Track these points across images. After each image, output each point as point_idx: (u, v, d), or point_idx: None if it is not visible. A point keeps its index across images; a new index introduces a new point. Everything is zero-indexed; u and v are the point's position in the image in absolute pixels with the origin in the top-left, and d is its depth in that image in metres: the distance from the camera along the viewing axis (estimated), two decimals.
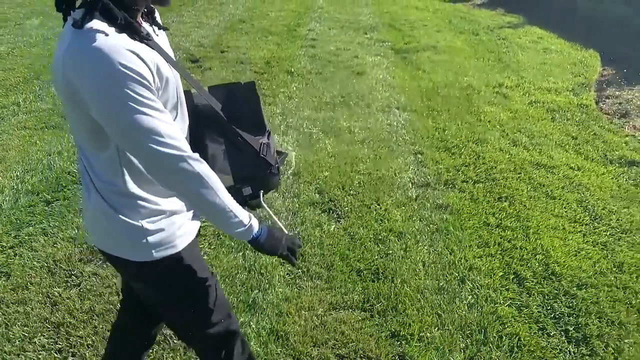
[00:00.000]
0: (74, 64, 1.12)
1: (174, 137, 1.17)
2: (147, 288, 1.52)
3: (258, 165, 1.49)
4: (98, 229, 1.40)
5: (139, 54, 1.13)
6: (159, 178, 1.25)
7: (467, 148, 4.35)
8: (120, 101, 1.10)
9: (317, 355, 2.32)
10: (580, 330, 2.48)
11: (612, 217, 3.37)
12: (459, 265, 2.91)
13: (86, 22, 1.11)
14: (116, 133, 1.17)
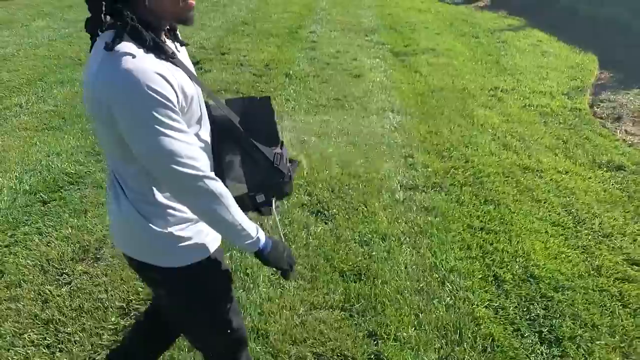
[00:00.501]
0: (105, 86, 1.20)
1: (193, 157, 1.25)
2: (168, 294, 1.58)
3: (271, 174, 1.56)
4: (127, 235, 1.47)
5: (166, 77, 1.21)
6: (177, 195, 1.35)
7: (458, 151, 4.41)
8: (145, 123, 1.19)
9: (295, 353, 2.39)
10: (553, 331, 2.54)
11: (595, 221, 3.42)
12: (440, 267, 2.98)
13: (116, 44, 1.19)
14: (140, 152, 1.25)
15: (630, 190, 3.81)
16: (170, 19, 1.34)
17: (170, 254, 1.43)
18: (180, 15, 1.31)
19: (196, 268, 1.47)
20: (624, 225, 3.38)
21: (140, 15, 1.25)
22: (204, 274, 1.51)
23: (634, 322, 2.59)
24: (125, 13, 1.22)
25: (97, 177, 3.97)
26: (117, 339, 2.47)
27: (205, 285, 1.53)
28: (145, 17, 1.26)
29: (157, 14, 1.28)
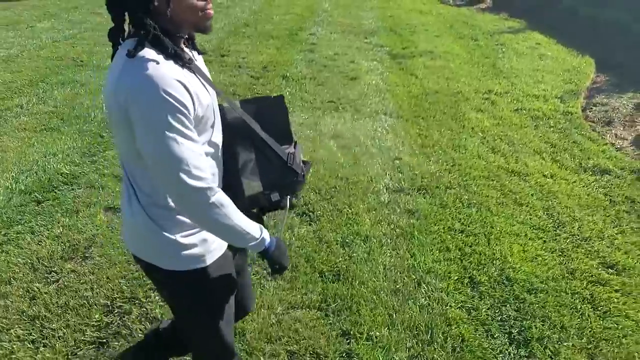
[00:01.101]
0: (125, 89, 1.26)
1: (198, 167, 1.30)
2: (169, 295, 1.67)
3: (285, 173, 1.62)
4: (136, 236, 1.54)
5: (185, 84, 1.27)
6: (177, 202, 1.38)
7: (446, 154, 4.47)
8: (158, 126, 1.24)
9: (269, 350, 2.48)
10: (523, 332, 2.60)
11: (575, 224, 3.48)
12: (417, 268, 3.05)
13: (138, 51, 1.26)
14: (148, 154, 1.29)
15: (614, 194, 3.85)
16: (190, 28, 1.41)
17: (173, 258, 1.49)
18: (199, 24, 1.39)
19: (197, 274, 1.53)
20: (603, 229, 3.43)
21: (161, 24, 1.31)
22: (203, 281, 1.55)
23: (602, 324, 2.65)
24: (147, 22, 1.28)
25: (90, 178, 4.07)
26: (99, 335, 2.57)
27: (203, 291, 1.58)
28: (166, 26, 1.32)
29: (177, 23, 1.35)
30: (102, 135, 4.92)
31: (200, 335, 1.72)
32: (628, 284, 2.92)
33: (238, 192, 1.55)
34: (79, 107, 5.62)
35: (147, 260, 1.54)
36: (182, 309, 1.68)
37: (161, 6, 1.29)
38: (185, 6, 1.32)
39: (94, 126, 5.11)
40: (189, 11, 1.33)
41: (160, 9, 1.29)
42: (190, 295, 1.59)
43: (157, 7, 1.28)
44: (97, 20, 10.49)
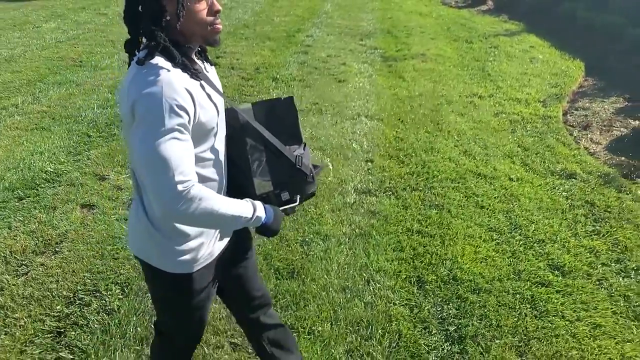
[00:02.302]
0: (133, 90, 1.36)
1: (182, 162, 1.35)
2: (151, 288, 1.82)
3: (294, 174, 1.71)
4: (135, 235, 1.67)
5: (189, 90, 1.38)
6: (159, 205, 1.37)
7: (417, 157, 4.58)
8: (155, 125, 1.32)
9: (214, 342, 2.62)
10: (459, 330, 2.71)
11: (531, 227, 3.57)
12: (369, 267, 3.18)
13: (148, 60, 1.37)
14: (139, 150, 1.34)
15: (575, 198, 3.94)
16: (199, 41, 1.51)
17: (164, 259, 1.61)
18: (208, 37, 1.50)
19: (181, 278, 1.65)
20: (558, 232, 3.52)
21: (171, 37, 1.42)
22: (185, 285, 1.68)
23: (537, 323, 2.75)
24: (157, 34, 1.39)
25: (72, 176, 4.25)
26: (58, 325, 2.73)
27: (183, 294, 1.71)
28: (176, 37, 1.44)
29: (187, 36, 1.46)
30: (90, 134, 5.10)
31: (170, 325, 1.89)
32: (570, 286, 3.02)
33: (250, 191, 1.65)
34: (72, 107, 5.81)
35: (142, 258, 1.67)
36: (161, 303, 1.84)
37: (172, 20, 1.40)
38: (195, 21, 1.44)
39: (84, 126, 5.30)
40: (199, 25, 1.45)
41: (172, 23, 1.40)
42: (171, 295, 1.73)
43: (168, 21, 1.40)
44: (102, 21, 10.71)
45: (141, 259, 1.68)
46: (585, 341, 2.64)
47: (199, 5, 1.43)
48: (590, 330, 2.71)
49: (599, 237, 3.46)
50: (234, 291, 1.98)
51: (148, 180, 1.37)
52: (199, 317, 1.84)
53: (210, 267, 1.73)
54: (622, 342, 2.64)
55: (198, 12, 1.43)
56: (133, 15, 1.44)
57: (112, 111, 5.69)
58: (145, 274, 1.81)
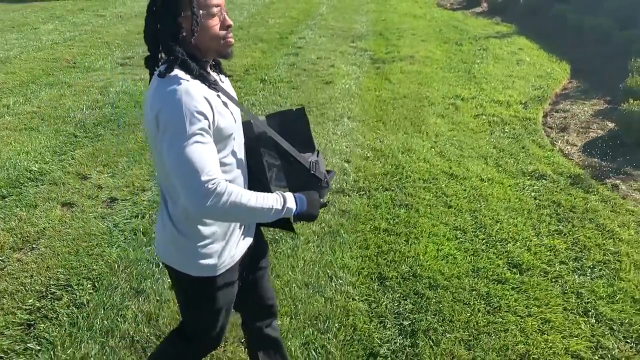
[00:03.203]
0: (156, 101, 1.48)
1: (207, 163, 1.45)
2: (177, 292, 1.91)
3: (309, 179, 1.78)
4: (161, 240, 1.76)
5: (207, 98, 1.49)
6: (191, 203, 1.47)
7: (393, 158, 4.68)
8: (179, 131, 1.43)
9: None
10: (413, 325, 2.82)
11: (496, 226, 3.67)
12: (334, 264, 3.28)
13: (168, 72, 1.49)
14: (167, 156, 1.46)
15: (543, 198, 4.03)
16: (213, 54, 1.63)
17: (189, 263, 1.70)
18: (221, 50, 1.61)
19: (206, 281, 1.73)
20: (521, 231, 3.62)
21: (188, 51, 1.54)
22: (210, 288, 1.76)
23: (488, 319, 2.85)
24: (175, 49, 1.51)
25: (55, 175, 4.38)
26: (29, 318, 2.85)
27: (207, 297, 1.79)
28: (192, 52, 1.55)
29: (202, 50, 1.57)
30: (77, 135, 5.23)
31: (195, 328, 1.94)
32: (526, 283, 3.12)
33: None
34: (61, 108, 5.95)
35: (168, 264, 1.76)
36: (186, 306, 1.91)
37: (188, 36, 1.51)
38: (209, 35, 1.55)
39: (71, 126, 5.43)
40: (212, 39, 1.57)
41: (187, 38, 1.52)
42: (196, 298, 1.81)
43: (184, 37, 1.51)
44: (99, 23, 10.86)
45: (167, 264, 1.77)
46: (533, 335, 2.73)
47: (211, 21, 1.54)
48: (540, 325, 2.81)
49: (560, 237, 3.56)
50: (248, 297, 2.03)
51: (179, 182, 1.47)
52: (223, 319, 1.91)
53: (233, 270, 1.81)
54: (569, 337, 2.73)
55: (211, 28, 1.55)
56: (152, 34, 1.56)
57: (101, 112, 5.82)
58: (171, 279, 1.92)
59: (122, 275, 3.19)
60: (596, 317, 2.87)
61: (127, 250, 3.40)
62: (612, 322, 2.83)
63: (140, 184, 4.25)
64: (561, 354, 2.63)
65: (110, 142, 5.05)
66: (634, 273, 3.18)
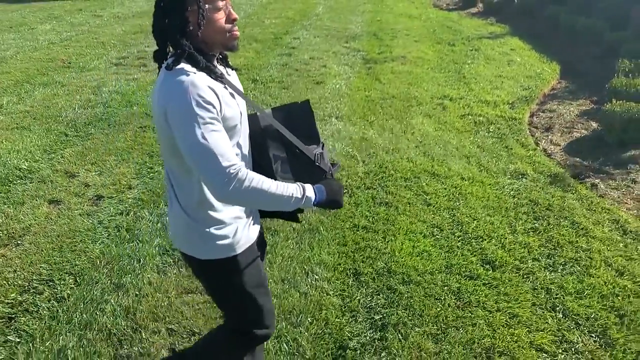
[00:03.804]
0: (163, 94, 1.54)
1: (225, 152, 1.51)
2: (206, 282, 1.94)
3: (314, 171, 1.83)
4: (176, 231, 1.80)
5: (213, 88, 1.54)
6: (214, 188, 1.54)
7: (378, 157, 4.76)
8: (190, 121, 1.48)
9: (152, 328, 2.81)
10: (384, 319, 2.89)
11: (472, 224, 3.74)
12: (311, 260, 3.36)
13: (175, 65, 1.54)
14: (184, 146, 1.52)
15: (521, 196, 4.10)
16: (220, 47, 1.67)
17: (207, 248, 1.73)
18: (227, 43, 1.66)
19: (228, 262, 1.77)
20: (497, 228, 3.68)
21: (195, 45, 1.59)
22: (234, 268, 1.79)
23: (457, 313, 2.92)
24: (183, 43, 1.56)
25: (44, 173, 4.47)
26: (10, 312, 2.94)
27: (234, 277, 1.82)
28: (199, 45, 1.60)
29: (208, 43, 1.62)
30: (67, 134, 5.32)
31: (234, 315, 1.98)
32: (497, 279, 3.18)
33: None
34: (54, 107, 6.04)
35: (185, 252, 1.80)
36: (218, 294, 1.93)
37: (194, 30, 1.56)
38: (215, 29, 1.60)
39: (62, 125, 5.52)
40: (218, 33, 1.62)
41: (194, 32, 1.57)
42: (224, 282, 1.84)
43: (191, 31, 1.56)
44: (96, 23, 10.96)
45: (187, 255, 1.80)
46: (500, 330, 2.80)
47: (217, 14, 1.60)
48: (508, 320, 2.87)
49: (535, 234, 3.62)
50: None
51: (201, 171, 1.53)
52: (262, 300, 1.92)
53: (252, 249, 1.85)
54: (535, 331, 2.80)
55: (217, 21, 1.60)
56: (160, 29, 1.61)
57: (93, 112, 5.91)
58: (194, 271, 1.95)
59: (104, 270, 3.26)
60: (563, 312, 2.93)
61: (110, 247, 3.48)
62: (579, 317, 2.89)
63: (126, 182, 4.33)
64: (525, 347, 2.69)
65: (100, 141, 5.13)
66: (603, 269, 3.24)
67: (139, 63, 7.94)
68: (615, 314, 2.91)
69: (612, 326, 2.82)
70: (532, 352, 2.67)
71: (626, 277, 3.19)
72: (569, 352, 2.68)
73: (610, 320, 2.86)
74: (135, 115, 5.79)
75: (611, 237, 3.57)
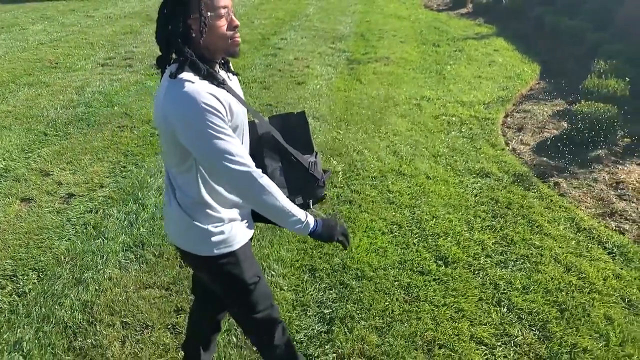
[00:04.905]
0: (169, 105, 1.57)
1: (242, 155, 1.58)
2: (208, 277, 1.98)
3: (308, 179, 1.89)
4: (175, 229, 1.84)
5: (216, 95, 1.57)
6: (232, 188, 1.68)
7: (348, 157, 4.85)
8: (201, 130, 1.54)
9: (107, 321, 2.91)
10: (333, 313, 2.98)
11: (431, 222, 3.82)
12: (270, 256, 3.45)
13: (179, 73, 1.58)
14: (199, 154, 1.59)
15: (482, 195, 4.18)
16: (222, 53, 1.71)
17: (206, 244, 1.77)
18: (229, 49, 1.70)
19: (227, 257, 1.81)
20: (455, 226, 3.77)
21: (197, 51, 1.62)
22: (232, 263, 1.83)
23: (403, 307, 3.01)
24: (185, 50, 1.60)
25: (19, 172, 4.57)
26: None
27: (233, 272, 1.86)
28: (201, 52, 1.64)
29: (211, 50, 1.66)
30: (47, 133, 5.42)
31: (240, 312, 2.04)
32: (448, 275, 3.27)
33: None
34: (36, 107, 6.14)
35: (184, 249, 1.84)
36: (221, 289, 1.98)
37: (197, 37, 1.60)
38: (217, 35, 1.64)
39: (43, 125, 5.62)
40: (220, 39, 1.65)
41: (196, 39, 1.60)
42: (225, 276, 1.88)
43: (193, 38, 1.60)
44: (87, 23, 11.06)
45: (182, 250, 1.85)
46: (443, 324, 2.89)
47: (219, 22, 1.63)
48: (452, 314, 2.96)
49: (491, 232, 3.71)
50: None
51: (223, 176, 1.63)
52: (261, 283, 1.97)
53: (248, 246, 1.91)
54: (478, 325, 2.89)
55: (219, 28, 1.64)
56: (164, 35, 1.65)
57: (74, 111, 6.01)
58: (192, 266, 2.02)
59: (67, 266, 3.36)
60: (508, 307, 3.02)
61: (76, 243, 3.58)
62: (522, 311, 2.98)
63: (99, 181, 4.42)
64: (466, 340, 2.78)
65: (78, 140, 5.24)
66: (552, 266, 3.33)
67: (125, 64, 8.04)
68: (557, 308, 3.00)
69: (553, 320, 2.91)
70: (471, 344, 2.76)
71: (573, 273, 3.27)
72: (508, 345, 2.77)
73: (552, 315, 2.95)
74: (115, 115, 5.89)
75: (564, 234, 3.66)
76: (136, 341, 2.78)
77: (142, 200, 4.10)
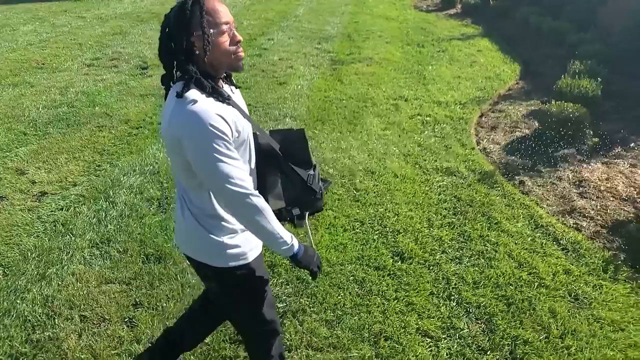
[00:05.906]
0: (177, 124, 1.60)
1: (242, 179, 1.62)
2: (218, 288, 2.00)
3: (305, 191, 1.95)
4: (189, 240, 1.88)
5: (223, 116, 1.59)
6: (229, 208, 1.73)
7: (320, 156, 4.93)
8: (207, 152, 1.57)
9: (66, 314, 3.00)
10: (286, 307, 3.06)
11: (394, 219, 3.91)
12: None
13: (185, 92, 1.59)
14: (202, 174, 1.63)
15: (447, 193, 4.27)
16: (225, 69, 1.74)
17: (220, 256, 1.81)
18: (233, 64, 1.73)
19: (241, 269, 1.85)
20: (415, 223, 3.85)
21: (201, 69, 1.65)
22: (247, 275, 1.88)
23: (356, 301, 3.09)
24: (190, 68, 1.62)
25: None
26: None
27: (246, 283, 1.91)
28: (205, 69, 1.66)
29: (214, 66, 1.68)
30: (26, 133, 5.51)
31: (247, 322, 2.07)
32: (403, 270, 3.35)
33: None
34: (19, 107, 6.23)
35: (198, 260, 1.87)
36: (230, 301, 2.02)
37: (200, 54, 1.62)
38: (220, 52, 1.66)
39: (23, 125, 5.70)
40: (223, 55, 1.67)
41: (200, 56, 1.63)
42: (237, 288, 1.92)
43: (197, 55, 1.63)
44: (78, 24, 11.14)
45: (196, 260, 1.88)
46: (392, 317, 2.97)
47: (222, 38, 1.65)
48: (402, 308, 3.05)
49: (450, 228, 3.79)
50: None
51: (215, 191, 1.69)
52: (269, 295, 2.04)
53: (260, 258, 1.97)
54: (425, 318, 2.97)
55: (222, 44, 1.65)
56: (167, 52, 1.68)
57: (55, 112, 6.09)
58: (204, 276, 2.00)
59: (33, 262, 3.45)
60: (457, 301, 3.10)
61: (43, 240, 3.67)
62: (470, 305, 3.07)
63: (72, 179, 4.51)
64: (412, 332, 2.87)
65: (56, 140, 5.32)
66: (505, 262, 3.41)
67: (111, 64, 8.13)
68: (504, 302, 3.08)
69: (499, 313, 3.00)
70: (417, 337, 2.85)
71: (524, 268, 3.36)
72: (453, 338, 2.85)
73: (498, 308, 3.03)
74: (96, 115, 5.98)
75: (521, 231, 3.74)
76: (92, 334, 2.87)
77: (112, 198, 4.18)
